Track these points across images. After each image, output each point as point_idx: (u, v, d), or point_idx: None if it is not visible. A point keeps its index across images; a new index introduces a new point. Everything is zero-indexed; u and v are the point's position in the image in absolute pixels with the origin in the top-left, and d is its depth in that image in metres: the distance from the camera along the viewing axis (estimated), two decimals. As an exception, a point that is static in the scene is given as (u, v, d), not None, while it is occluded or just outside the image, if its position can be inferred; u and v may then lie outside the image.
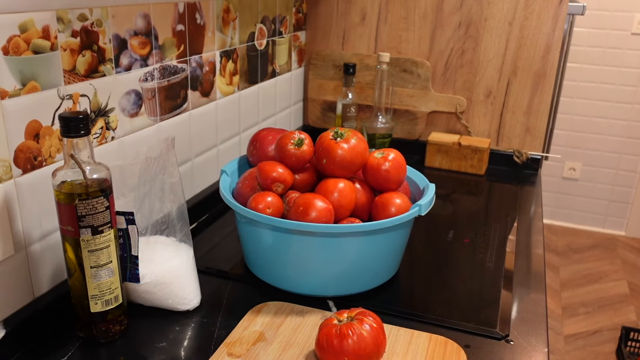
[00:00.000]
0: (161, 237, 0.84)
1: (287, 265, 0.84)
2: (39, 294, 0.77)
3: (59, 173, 0.68)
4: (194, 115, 1.09)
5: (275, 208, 0.83)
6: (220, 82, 1.17)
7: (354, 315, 0.70)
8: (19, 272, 0.74)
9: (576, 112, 3.24)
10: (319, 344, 0.68)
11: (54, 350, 0.73)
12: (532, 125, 1.47)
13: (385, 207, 0.86)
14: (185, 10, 1.00)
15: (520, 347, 0.77)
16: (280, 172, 0.86)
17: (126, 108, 0.90)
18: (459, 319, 0.83)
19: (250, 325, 0.78)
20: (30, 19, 0.69)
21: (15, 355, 0.71)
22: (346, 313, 0.70)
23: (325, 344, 0.67)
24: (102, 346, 0.75)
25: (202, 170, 1.16)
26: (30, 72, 0.70)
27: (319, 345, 0.68)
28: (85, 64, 0.79)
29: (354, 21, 1.53)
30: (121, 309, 0.76)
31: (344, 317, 0.70)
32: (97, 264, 0.71)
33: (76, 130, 0.66)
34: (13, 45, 0.67)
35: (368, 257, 0.84)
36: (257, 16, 1.27)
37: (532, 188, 1.38)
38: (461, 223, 1.16)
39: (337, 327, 0.68)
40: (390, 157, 0.88)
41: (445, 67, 1.49)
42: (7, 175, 0.69)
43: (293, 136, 0.87)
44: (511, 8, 1.39)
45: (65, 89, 0.76)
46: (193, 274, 0.83)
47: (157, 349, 0.74)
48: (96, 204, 0.68)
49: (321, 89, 1.61)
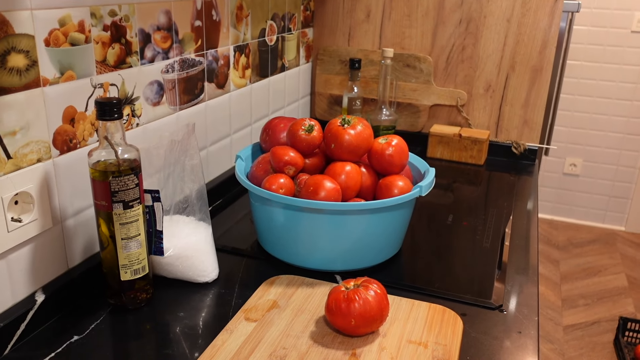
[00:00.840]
0: (182, 217, 0.91)
1: (298, 242, 0.92)
2: (72, 265, 0.85)
3: (94, 153, 0.75)
4: (209, 105, 1.16)
5: (287, 189, 0.91)
6: (234, 75, 1.24)
7: (360, 283, 0.77)
8: (55, 244, 0.81)
9: (577, 109, 3.30)
10: (328, 307, 0.75)
11: (88, 315, 0.81)
12: (529, 118, 1.54)
13: (389, 189, 0.93)
14: (202, 7, 1.08)
15: (512, 316, 0.84)
16: (292, 155, 0.93)
17: (149, 97, 0.97)
18: (457, 291, 0.90)
19: (264, 295, 0.85)
20: (68, 14, 0.77)
21: (53, 318, 0.79)
22: (352, 281, 0.78)
23: (334, 308, 0.74)
24: (130, 312, 0.82)
25: (217, 157, 1.23)
26: (67, 62, 0.78)
27: (328, 309, 0.75)
28: (114, 55, 0.87)
29: (360, 18, 1.61)
30: (147, 279, 0.83)
31: (351, 284, 0.77)
32: (127, 235, 0.78)
33: (110, 114, 0.73)
34: (53, 38, 0.75)
35: (373, 234, 0.91)
36: (267, 13, 1.35)
37: (529, 177, 1.45)
38: (461, 209, 1.23)
39: (344, 293, 0.75)
40: (393, 143, 0.95)
41: (447, 62, 1.56)
42: (47, 155, 0.77)
43: (304, 123, 0.94)
44: (509, 5, 1.46)
45: (97, 79, 0.84)
46: (212, 249, 0.91)
47: (180, 316, 0.82)
48: (127, 181, 0.76)
49: (328, 83, 1.68)
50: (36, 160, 0.75)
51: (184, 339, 0.76)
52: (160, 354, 0.73)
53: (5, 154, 0.70)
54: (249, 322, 0.78)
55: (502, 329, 0.81)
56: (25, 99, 0.72)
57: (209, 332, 0.78)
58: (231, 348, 0.73)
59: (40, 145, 0.76)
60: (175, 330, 0.78)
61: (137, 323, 0.80)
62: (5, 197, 0.71)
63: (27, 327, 0.75)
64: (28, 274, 0.77)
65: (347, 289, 0.76)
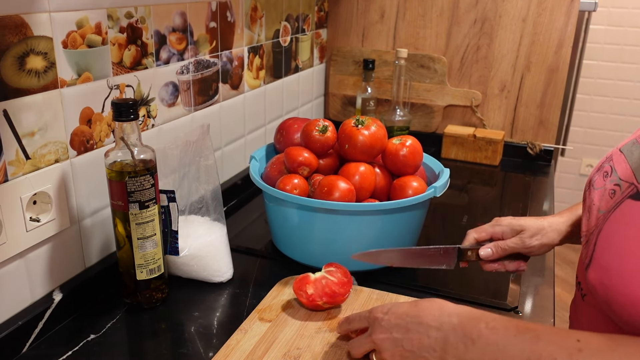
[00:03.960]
0: (197, 217, 0.92)
1: (312, 242, 0.92)
2: (89, 264, 0.86)
3: (111, 153, 0.76)
4: (224, 106, 1.17)
5: (301, 189, 0.91)
6: (248, 76, 1.25)
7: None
8: (73, 244, 0.82)
9: (593, 109, 3.26)
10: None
11: (104, 314, 0.81)
12: (545, 118, 1.52)
13: (403, 190, 0.93)
14: (217, 8, 1.09)
15: (528, 318, 0.84)
16: (306, 156, 0.93)
17: (165, 98, 0.98)
18: (472, 292, 0.89)
19: (279, 295, 0.85)
20: (86, 16, 0.78)
21: (70, 317, 0.80)
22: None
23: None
24: (146, 312, 0.83)
25: (231, 158, 1.24)
26: (84, 64, 0.79)
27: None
28: (130, 57, 0.87)
29: (373, 19, 1.60)
30: (162, 278, 0.84)
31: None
32: (143, 235, 0.79)
33: (127, 115, 0.74)
34: (71, 40, 0.76)
35: (387, 235, 0.91)
36: (281, 14, 1.35)
37: (545, 178, 1.43)
38: (475, 210, 1.22)
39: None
40: (407, 143, 0.95)
41: (461, 62, 1.55)
42: (64, 156, 0.78)
43: (318, 123, 0.95)
44: (525, 5, 1.45)
45: (114, 80, 0.85)
46: (226, 249, 0.91)
47: (195, 315, 0.82)
48: (143, 181, 0.76)
49: (342, 84, 1.68)
50: (54, 161, 0.76)
51: (199, 339, 0.77)
52: (175, 353, 0.74)
53: (24, 155, 0.72)
54: (263, 322, 0.79)
55: (518, 331, 0.80)
56: (44, 100, 0.73)
57: (223, 332, 0.78)
58: (245, 348, 0.73)
59: (58, 146, 0.77)
60: (190, 330, 0.79)
61: (153, 322, 0.81)
62: (24, 197, 0.72)
63: (44, 325, 0.76)
64: (46, 273, 0.78)
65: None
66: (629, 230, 0.55)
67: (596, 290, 0.57)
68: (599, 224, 0.61)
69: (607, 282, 0.55)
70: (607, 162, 0.67)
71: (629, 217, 0.56)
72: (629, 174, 0.61)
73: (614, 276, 0.54)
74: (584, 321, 0.67)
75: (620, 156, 0.65)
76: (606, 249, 0.57)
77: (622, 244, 0.55)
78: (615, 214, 0.58)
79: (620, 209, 0.58)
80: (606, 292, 0.55)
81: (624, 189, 0.60)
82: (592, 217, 0.65)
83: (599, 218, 0.62)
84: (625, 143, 0.67)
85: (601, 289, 0.56)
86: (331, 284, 0.80)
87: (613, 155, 0.67)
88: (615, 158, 0.66)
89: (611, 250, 0.56)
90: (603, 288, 0.56)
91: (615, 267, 0.55)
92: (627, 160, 0.63)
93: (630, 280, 0.53)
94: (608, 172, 0.65)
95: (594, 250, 0.59)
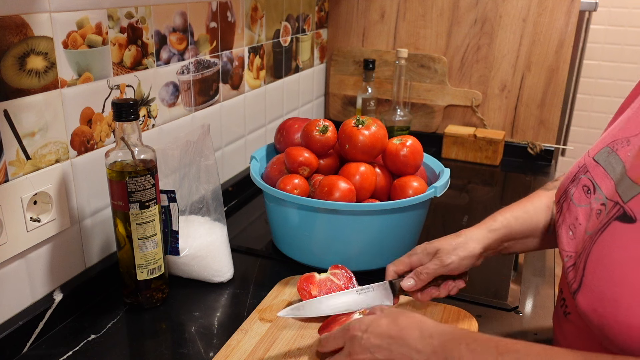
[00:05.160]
0: (197, 217, 0.92)
1: (312, 242, 0.92)
2: (89, 265, 0.86)
3: (111, 154, 0.76)
4: (224, 106, 1.17)
5: (301, 189, 0.91)
6: (249, 76, 1.25)
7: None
8: (73, 244, 0.82)
9: (594, 109, 3.26)
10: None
11: (104, 314, 0.82)
12: (545, 118, 1.52)
13: (404, 189, 0.92)
14: (217, 8, 1.09)
15: (528, 318, 0.84)
16: (307, 156, 0.93)
17: (165, 98, 0.98)
18: (472, 292, 0.89)
19: (279, 295, 0.85)
20: (86, 17, 0.78)
21: (71, 317, 0.80)
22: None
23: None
24: (146, 311, 0.83)
25: (232, 158, 1.24)
26: (85, 64, 0.79)
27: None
28: (130, 57, 0.87)
29: (374, 19, 1.60)
30: (163, 278, 0.84)
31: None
32: (143, 235, 0.79)
33: (127, 115, 0.74)
34: (71, 40, 0.76)
35: (387, 235, 0.91)
36: (282, 14, 1.35)
37: (545, 178, 1.43)
38: (476, 210, 1.22)
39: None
40: (408, 143, 0.95)
41: (462, 62, 1.55)
42: (65, 156, 0.78)
43: (318, 123, 0.95)
44: (525, 5, 1.45)
45: (114, 80, 0.85)
46: (227, 249, 0.91)
47: (195, 315, 0.82)
48: (144, 181, 0.76)
49: (342, 84, 1.68)
50: (54, 161, 0.76)
51: (199, 339, 0.77)
52: (176, 353, 0.74)
53: (25, 155, 0.72)
54: (263, 322, 0.79)
55: (518, 331, 0.80)
56: (44, 100, 0.73)
57: (223, 332, 0.78)
58: (246, 348, 0.73)
59: (59, 146, 0.77)
60: (190, 330, 0.79)
61: (153, 322, 0.81)
62: (25, 197, 0.72)
63: (45, 325, 0.76)
64: (46, 273, 0.78)
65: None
66: (619, 255, 0.53)
67: (589, 318, 0.55)
68: (587, 246, 0.59)
69: (601, 310, 0.54)
70: (583, 172, 0.65)
71: (618, 240, 0.54)
72: (612, 192, 0.59)
73: (608, 305, 0.53)
74: (569, 338, 0.66)
75: (597, 168, 0.63)
76: (597, 274, 0.55)
77: (614, 270, 0.53)
78: (603, 237, 0.56)
79: (608, 231, 0.56)
80: (600, 320, 0.54)
81: (609, 209, 0.58)
82: (577, 236, 0.63)
83: (586, 240, 0.60)
84: (598, 151, 0.65)
85: (595, 317, 0.54)
86: (336, 288, 0.80)
87: (588, 166, 0.65)
88: (592, 170, 0.64)
89: (603, 276, 0.54)
90: (597, 316, 0.54)
91: (609, 294, 0.53)
92: (609, 175, 0.61)
93: (626, 308, 0.51)
94: (590, 188, 0.63)
95: (583, 275, 0.57)
